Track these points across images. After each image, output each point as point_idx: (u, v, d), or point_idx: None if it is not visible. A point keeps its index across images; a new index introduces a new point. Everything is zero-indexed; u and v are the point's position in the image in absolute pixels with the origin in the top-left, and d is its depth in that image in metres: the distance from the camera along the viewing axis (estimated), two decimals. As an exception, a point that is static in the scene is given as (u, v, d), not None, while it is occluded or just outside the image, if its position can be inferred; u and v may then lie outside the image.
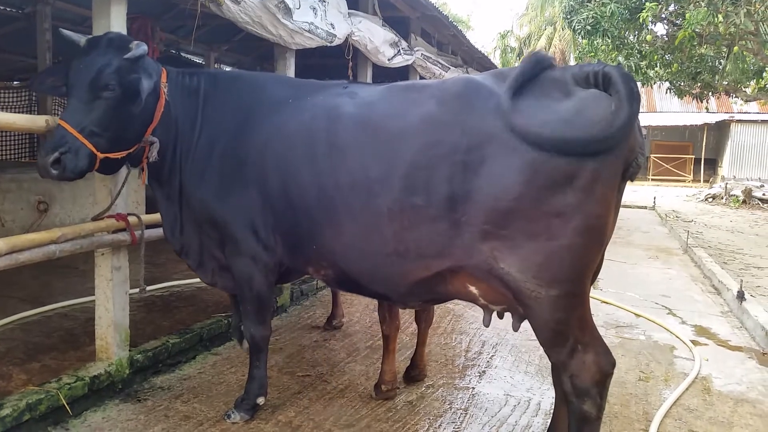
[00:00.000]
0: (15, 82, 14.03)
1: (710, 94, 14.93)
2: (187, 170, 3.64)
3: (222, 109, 3.65)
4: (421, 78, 9.35)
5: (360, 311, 6.24)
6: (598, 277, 3.25)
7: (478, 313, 6.12)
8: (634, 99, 2.63)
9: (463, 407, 4.15)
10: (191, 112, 3.65)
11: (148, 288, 5.37)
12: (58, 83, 3.47)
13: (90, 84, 3.23)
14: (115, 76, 3.26)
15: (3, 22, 9.41)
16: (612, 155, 2.69)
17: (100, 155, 3.29)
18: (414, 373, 4.50)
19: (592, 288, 3.05)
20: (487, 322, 3.25)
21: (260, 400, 3.89)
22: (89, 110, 3.23)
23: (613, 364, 2.90)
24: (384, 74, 8.48)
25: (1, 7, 8.99)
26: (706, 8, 9.48)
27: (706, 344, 5.74)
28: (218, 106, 3.66)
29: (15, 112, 12.86)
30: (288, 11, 5.30)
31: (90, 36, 3.49)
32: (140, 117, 3.43)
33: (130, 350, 4.30)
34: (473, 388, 4.46)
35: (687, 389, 4.57)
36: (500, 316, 3.25)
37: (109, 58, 3.28)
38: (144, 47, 3.34)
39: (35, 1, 8.59)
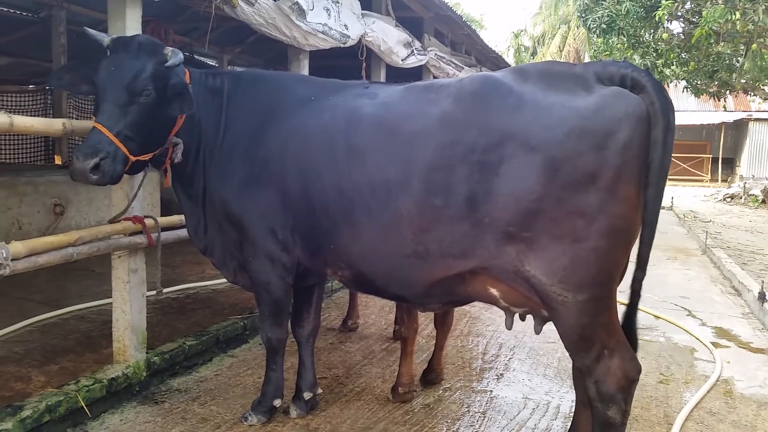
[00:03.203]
0: (30, 86, 14.17)
1: (728, 92, 14.78)
2: (210, 170, 3.63)
3: (245, 109, 3.64)
4: (435, 78, 9.32)
5: (375, 313, 6.21)
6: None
7: (494, 315, 6.10)
8: (669, 109, 2.65)
9: (481, 410, 4.10)
10: (215, 113, 3.64)
11: (165, 290, 5.37)
12: (77, 81, 3.45)
13: (126, 88, 3.19)
14: (151, 81, 3.24)
15: (19, 26, 9.50)
16: (634, 153, 2.65)
17: (132, 158, 3.28)
18: (431, 377, 4.47)
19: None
20: (509, 325, 3.21)
21: (277, 402, 3.87)
22: (124, 114, 3.20)
23: (638, 369, 2.85)
24: (397, 74, 8.46)
25: (17, 12, 9.07)
26: (723, 5, 9.36)
27: (727, 346, 5.66)
28: (241, 105, 3.66)
29: (30, 115, 13.00)
30: (302, 12, 5.29)
31: (115, 36, 3.47)
32: (167, 120, 3.42)
33: (147, 352, 4.31)
34: (491, 391, 4.42)
35: (708, 392, 4.50)
36: (522, 318, 3.21)
37: (144, 62, 3.25)
38: (181, 54, 3.33)
39: (50, 5, 8.67)
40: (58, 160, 10.57)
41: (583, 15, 12.04)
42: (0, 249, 3.13)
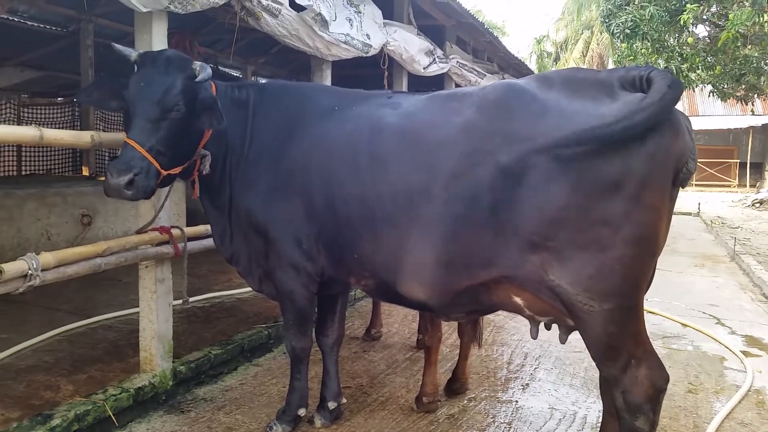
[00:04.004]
0: (59, 99, 14.47)
1: (755, 96, 14.51)
2: (236, 181, 3.67)
3: (269, 120, 3.68)
4: (457, 86, 9.32)
5: (399, 322, 6.20)
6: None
7: (519, 324, 6.04)
8: (663, 96, 2.55)
9: (506, 421, 4.07)
10: (240, 124, 3.68)
11: (190, 299, 5.43)
12: (106, 97, 3.51)
13: (157, 104, 3.23)
14: (181, 96, 3.27)
15: (48, 41, 9.70)
16: (659, 160, 2.61)
17: (164, 173, 3.32)
18: (455, 386, 4.44)
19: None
20: (534, 334, 3.18)
21: (301, 412, 3.88)
22: (155, 129, 3.23)
23: (666, 379, 2.81)
24: (419, 83, 8.48)
25: (47, 27, 9.27)
26: (750, 8, 9.22)
27: (758, 355, 5.54)
28: (266, 117, 3.70)
29: (59, 127, 13.27)
30: (324, 23, 5.33)
31: (142, 51, 3.52)
32: (196, 133, 3.47)
33: (173, 361, 4.35)
34: (517, 401, 4.38)
35: (740, 402, 4.41)
36: (548, 327, 3.18)
37: (174, 78, 3.28)
38: (209, 69, 3.36)
39: (78, 19, 8.84)
40: (85, 171, 10.76)
41: (607, 20, 11.94)
42: (30, 260, 3.19)
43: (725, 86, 13.68)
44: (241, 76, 11.92)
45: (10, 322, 5.38)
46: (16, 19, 8.76)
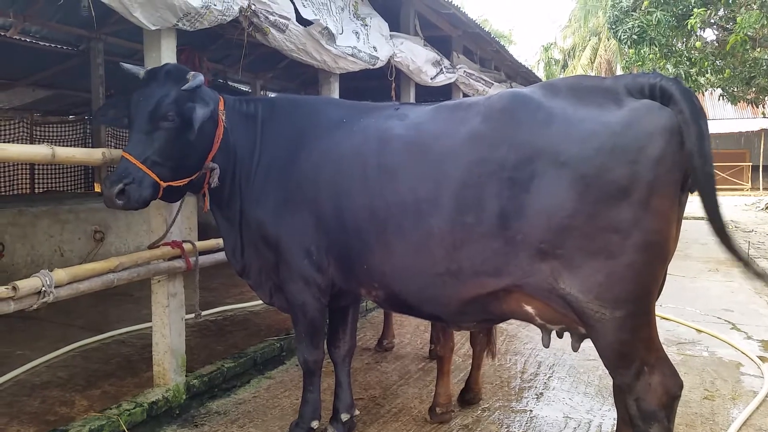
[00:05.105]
0: (70, 117, 14.64)
1: (766, 98, 14.44)
2: (246, 193, 3.70)
3: (278, 133, 3.72)
4: (465, 95, 9.34)
5: (411, 332, 6.18)
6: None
7: (532, 332, 6.02)
8: (700, 115, 2.58)
9: (521, 430, 4.04)
10: (250, 138, 3.72)
11: (203, 313, 5.45)
12: (119, 115, 3.60)
13: (150, 115, 3.32)
14: (173, 106, 3.34)
15: (59, 60, 9.83)
16: (667, 166, 2.61)
17: (163, 184, 3.37)
18: (469, 396, 4.42)
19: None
20: (546, 343, 3.16)
21: (314, 424, 3.87)
22: (151, 141, 3.32)
23: (680, 385, 2.78)
24: (427, 93, 8.50)
25: (58, 46, 9.39)
26: (758, 10, 9.20)
27: (775, 360, 5.48)
28: (275, 130, 3.74)
29: (71, 145, 13.41)
30: (331, 37, 5.37)
31: (149, 68, 3.60)
32: (200, 145, 3.51)
33: (186, 375, 4.36)
34: (531, 410, 4.35)
35: (757, 408, 4.34)
36: (559, 335, 3.16)
37: (167, 89, 3.37)
38: (201, 77, 3.41)
39: (89, 38, 8.95)
40: (97, 188, 10.85)
41: (614, 26, 11.97)
42: (44, 277, 3.22)
43: (735, 89, 13.65)
44: (250, 90, 12.01)
45: (25, 339, 5.43)
46: (27, 40, 8.89)
